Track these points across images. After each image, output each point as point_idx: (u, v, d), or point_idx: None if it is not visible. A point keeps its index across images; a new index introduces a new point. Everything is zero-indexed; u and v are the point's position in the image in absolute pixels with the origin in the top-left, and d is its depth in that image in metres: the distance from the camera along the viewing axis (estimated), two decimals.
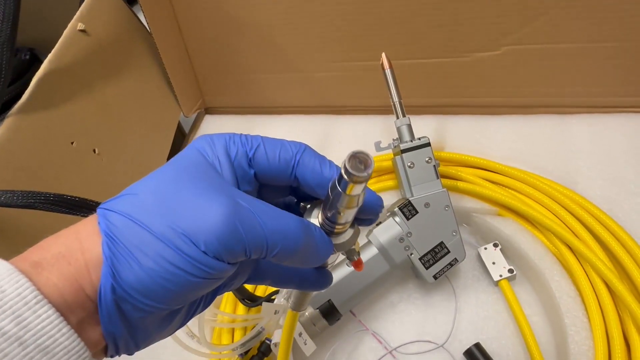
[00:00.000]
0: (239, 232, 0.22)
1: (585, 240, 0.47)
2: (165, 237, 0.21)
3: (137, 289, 0.21)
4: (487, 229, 0.52)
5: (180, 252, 0.21)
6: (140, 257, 0.21)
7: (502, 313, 0.49)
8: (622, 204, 0.51)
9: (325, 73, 0.66)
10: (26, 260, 0.22)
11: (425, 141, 0.49)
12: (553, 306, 0.46)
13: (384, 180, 0.57)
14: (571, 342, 0.43)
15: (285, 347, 0.38)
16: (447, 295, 0.51)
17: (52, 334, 0.20)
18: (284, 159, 0.27)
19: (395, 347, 0.49)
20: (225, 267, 0.22)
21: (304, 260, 0.25)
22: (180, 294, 0.22)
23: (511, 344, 0.47)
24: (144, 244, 0.21)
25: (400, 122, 0.50)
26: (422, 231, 0.48)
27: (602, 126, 0.57)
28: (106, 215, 0.22)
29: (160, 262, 0.21)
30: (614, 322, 0.43)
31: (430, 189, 0.48)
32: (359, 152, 0.22)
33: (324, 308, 0.47)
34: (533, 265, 0.48)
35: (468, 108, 0.63)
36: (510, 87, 0.60)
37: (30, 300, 0.20)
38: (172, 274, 0.21)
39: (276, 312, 0.46)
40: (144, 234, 0.22)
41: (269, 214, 0.23)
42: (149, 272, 0.21)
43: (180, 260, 0.21)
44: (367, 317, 0.51)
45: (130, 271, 0.21)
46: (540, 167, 0.55)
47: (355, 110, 0.68)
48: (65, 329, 0.20)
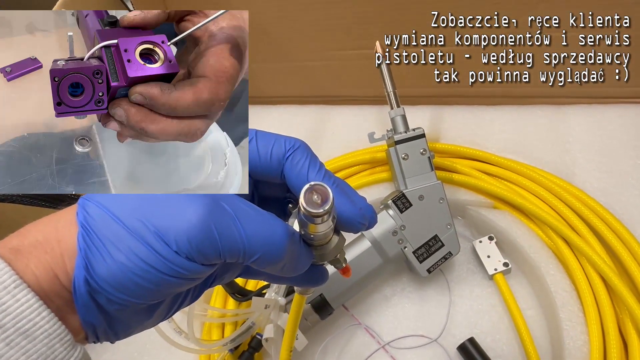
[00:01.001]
0: (213, 234, 0.21)
1: (582, 233, 0.47)
2: (138, 232, 0.21)
3: (110, 283, 0.21)
4: (482, 221, 0.52)
5: (151, 249, 0.21)
6: (113, 252, 0.21)
7: (496, 307, 0.48)
8: (619, 196, 0.50)
9: (319, 62, 0.64)
10: (5, 246, 0.21)
11: (419, 132, 0.48)
12: (548, 300, 0.46)
13: (378, 172, 0.56)
14: (566, 336, 0.43)
15: (290, 333, 0.36)
16: (441, 289, 0.50)
17: (32, 318, 0.20)
18: (276, 155, 0.26)
19: (388, 342, 0.48)
20: (198, 269, 0.22)
21: (285, 270, 0.24)
22: (153, 291, 0.22)
23: (505, 338, 0.46)
24: (117, 238, 0.21)
25: (395, 113, 0.49)
26: (416, 224, 0.47)
27: (599, 117, 0.56)
28: (85, 205, 0.22)
29: (132, 258, 0.21)
30: (610, 317, 0.42)
31: (425, 181, 0.47)
32: (317, 184, 0.21)
33: (315, 302, 0.46)
34: (528, 258, 0.48)
35: (464, 98, 0.61)
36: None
37: (9, 284, 0.20)
38: (143, 270, 0.21)
39: (267, 307, 0.45)
40: (117, 228, 0.21)
41: (253, 220, 0.22)
42: (120, 267, 0.21)
43: (151, 257, 0.21)
44: (360, 311, 0.50)
45: (102, 265, 0.21)
46: (537, 159, 0.54)
47: (349, 101, 0.66)
48: (45, 313, 0.20)
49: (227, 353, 0.47)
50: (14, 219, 0.42)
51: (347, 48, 0.62)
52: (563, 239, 0.47)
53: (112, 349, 0.50)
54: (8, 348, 0.19)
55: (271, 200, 0.29)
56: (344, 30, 0.60)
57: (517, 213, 0.51)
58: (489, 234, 0.51)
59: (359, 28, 0.59)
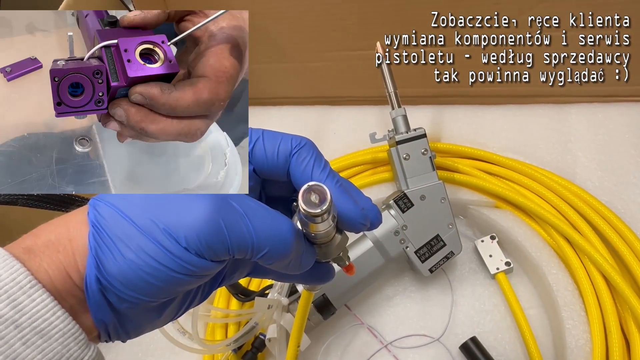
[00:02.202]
0: (222, 230, 0.21)
1: (584, 232, 0.47)
2: (147, 230, 0.21)
3: (120, 281, 0.21)
4: (484, 221, 0.52)
5: (160, 246, 0.21)
6: (123, 249, 0.21)
7: (498, 306, 0.48)
8: (621, 195, 0.50)
9: (320, 63, 0.64)
10: (19, 246, 0.22)
11: (420, 132, 0.48)
12: (550, 299, 0.46)
13: (379, 173, 0.56)
14: (568, 335, 0.43)
15: (298, 327, 0.36)
16: (444, 288, 0.50)
17: (47, 317, 0.20)
18: (283, 153, 0.26)
19: (390, 341, 0.48)
20: (207, 265, 0.22)
21: (290, 267, 0.24)
22: (163, 289, 0.22)
23: (508, 337, 0.46)
24: (127, 236, 0.21)
25: (396, 113, 0.49)
26: (418, 224, 0.47)
27: (601, 115, 0.56)
28: (96, 205, 0.22)
29: (142, 256, 0.21)
30: (612, 316, 0.42)
31: (426, 181, 0.47)
32: (315, 184, 0.21)
33: (318, 302, 0.46)
34: (530, 258, 0.48)
35: (465, 98, 0.61)
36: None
37: (25, 284, 0.20)
38: (153, 268, 0.21)
39: (270, 307, 0.45)
40: (127, 226, 0.21)
41: (260, 216, 0.23)
42: (130, 265, 0.21)
43: (160, 255, 0.21)
44: (362, 311, 0.51)
45: (113, 263, 0.21)
46: (538, 158, 0.54)
47: (350, 101, 0.67)
48: (59, 312, 0.21)
49: (231, 353, 0.47)
50: (17, 220, 0.43)
51: (347, 49, 0.62)
52: (565, 238, 0.47)
53: (117, 349, 0.50)
54: (25, 347, 0.20)
55: (278, 200, 0.29)
56: (344, 31, 0.60)
57: (519, 212, 0.51)
58: (490, 233, 0.51)
59: (360, 29, 0.59)
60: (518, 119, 0.58)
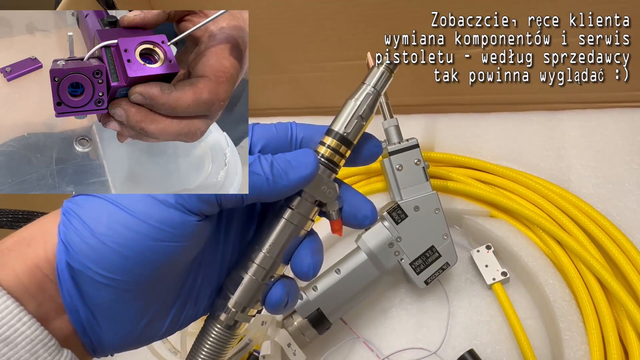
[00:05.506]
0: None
1: (580, 240, 0.46)
2: (118, 201, 0.21)
3: (90, 258, 0.21)
4: (479, 231, 0.51)
5: (132, 213, 0.21)
6: (94, 225, 0.21)
7: (495, 317, 0.48)
8: (616, 202, 0.50)
9: (312, 73, 0.64)
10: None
11: (413, 142, 0.48)
12: (548, 310, 0.45)
13: (373, 183, 0.55)
14: (566, 347, 0.42)
15: None
16: (440, 299, 0.50)
17: (12, 324, 0.19)
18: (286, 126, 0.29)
19: (387, 355, 0.48)
20: (188, 220, 0.22)
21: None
22: (138, 262, 0.21)
23: (506, 348, 0.46)
24: (98, 213, 0.21)
25: (388, 124, 0.49)
26: (412, 235, 0.46)
27: (595, 122, 0.56)
28: (72, 199, 0.23)
29: (113, 226, 0.21)
30: (611, 326, 0.41)
31: (420, 191, 0.47)
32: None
33: (313, 317, 0.46)
34: (527, 267, 0.47)
35: (458, 106, 0.61)
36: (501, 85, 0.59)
37: None
38: (124, 237, 0.21)
39: (263, 324, 0.45)
40: (100, 202, 0.21)
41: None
42: (101, 238, 0.21)
43: (133, 222, 0.21)
44: (358, 325, 0.50)
45: (82, 240, 0.21)
46: (532, 166, 0.54)
47: None
48: (25, 318, 0.20)
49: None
50: None
51: (341, 59, 0.62)
52: (561, 246, 0.47)
53: None
54: None
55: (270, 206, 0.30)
56: (336, 41, 0.60)
57: (514, 221, 0.50)
58: (486, 242, 0.51)
59: (352, 39, 0.59)
60: (511, 127, 0.58)
